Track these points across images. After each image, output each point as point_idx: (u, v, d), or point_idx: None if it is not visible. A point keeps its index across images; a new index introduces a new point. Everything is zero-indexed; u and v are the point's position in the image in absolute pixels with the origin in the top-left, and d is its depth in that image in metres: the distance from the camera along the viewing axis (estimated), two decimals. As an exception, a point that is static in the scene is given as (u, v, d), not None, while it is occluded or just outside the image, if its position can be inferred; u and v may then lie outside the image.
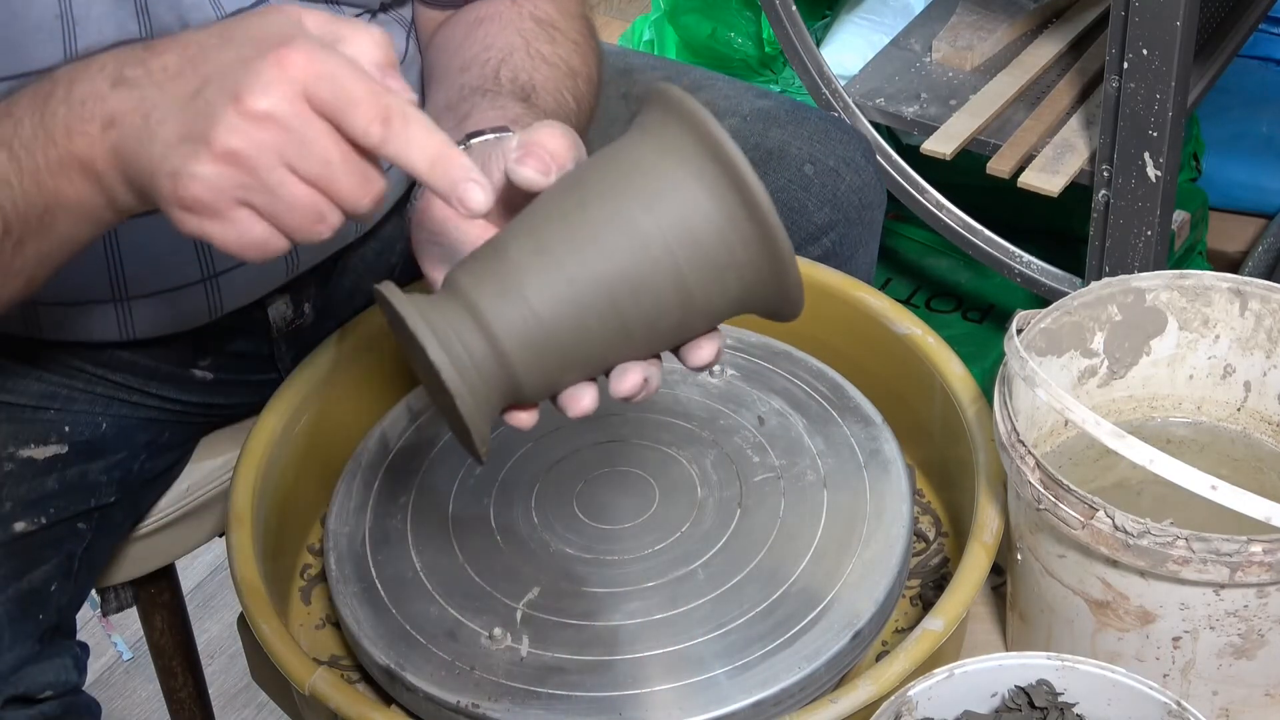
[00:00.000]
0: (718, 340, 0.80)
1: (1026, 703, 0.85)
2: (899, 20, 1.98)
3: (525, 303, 0.75)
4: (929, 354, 1.07)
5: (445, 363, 0.74)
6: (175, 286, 1.05)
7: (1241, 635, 0.87)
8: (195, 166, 0.72)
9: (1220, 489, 0.81)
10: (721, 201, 0.75)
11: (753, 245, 0.75)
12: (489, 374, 0.76)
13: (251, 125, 0.71)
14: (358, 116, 0.72)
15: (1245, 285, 0.98)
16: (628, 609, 0.95)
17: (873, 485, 1.01)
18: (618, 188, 0.76)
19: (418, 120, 0.73)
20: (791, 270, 0.76)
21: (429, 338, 0.74)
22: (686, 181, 0.75)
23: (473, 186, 0.73)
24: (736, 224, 0.75)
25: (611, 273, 0.75)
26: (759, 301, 0.78)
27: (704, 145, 0.75)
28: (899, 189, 1.81)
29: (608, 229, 0.75)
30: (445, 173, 0.73)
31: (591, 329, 0.76)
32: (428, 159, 0.73)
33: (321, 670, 0.90)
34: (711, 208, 0.75)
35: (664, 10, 2.26)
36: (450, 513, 1.02)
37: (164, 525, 1.18)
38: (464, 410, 0.75)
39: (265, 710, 1.89)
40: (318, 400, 1.09)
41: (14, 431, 1.07)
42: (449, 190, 0.73)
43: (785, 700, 0.90)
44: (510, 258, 0.76)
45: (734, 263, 0.76)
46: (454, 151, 0.73)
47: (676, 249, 0.75)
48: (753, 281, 0.77)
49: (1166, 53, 1.45)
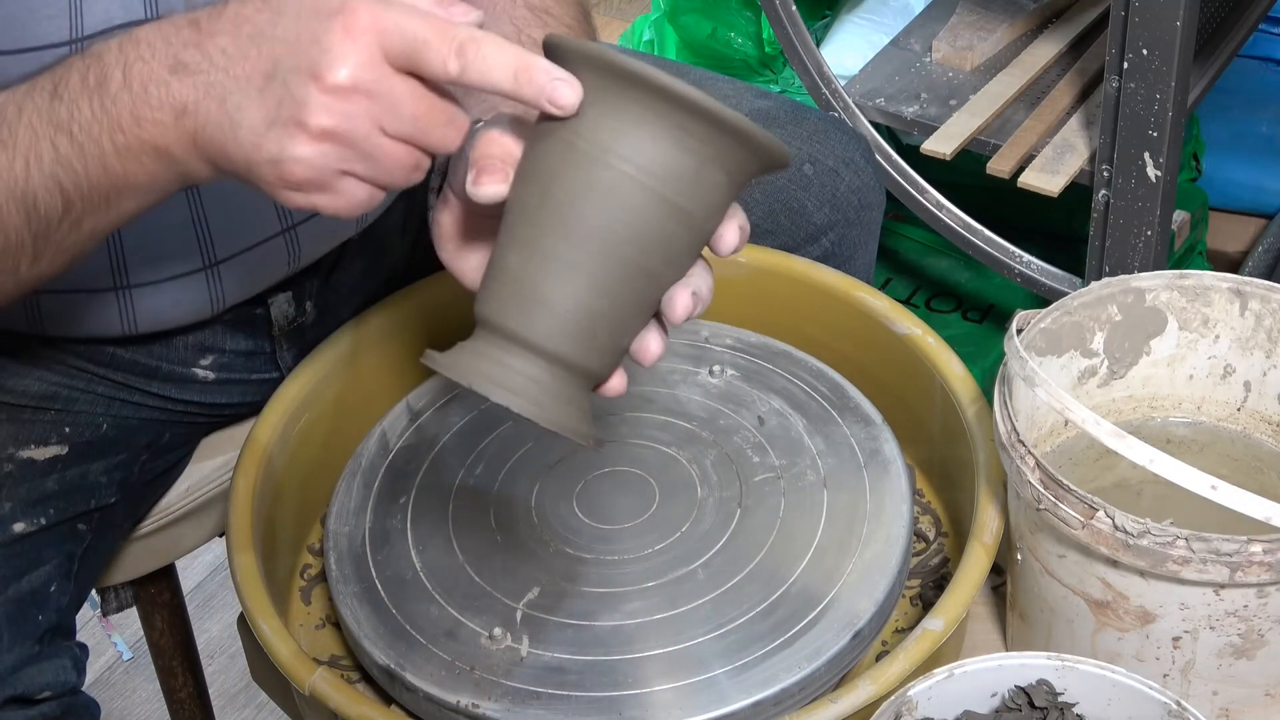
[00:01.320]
0: (736, 219, 0.81)
1: (1026, 703, 0.85)
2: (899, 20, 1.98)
3: (548, 305, 0.77)
4: (929, 354, 1.07)
5: (513, 400, 0.77)
6: (176, 275, 1.05)
7: (1241, 635, 0.87)
8: (295, 150, 0.74)
9: (1220, 489, 0.81)
10: (663, 117, 0.75)
11: (712, 136, 0.75)
12: (555, 386, 0.78)
13: (339, 101, 0.73)
14: (433, 57, 0.74)
15: (1245, 285, 0.98)
16: (628, 609, 0.95)
17: (873, 485, 1.01)
18: (566, 158, 0.76)
19: (489, 41, 0.74)
20: (754, 133, 0.76)
21: (488, 386, 0.77)
22: (622, 120, 0.75)
23: (560, 85, 0.75)
24: (687, 128, 0.75)
25: (607, 238, 0.76)
26: (749, 173, 0.79)
27: (615, 77, 0.75)
28: (899, 189, 1.81)
29: (579, 203, 0.76)
30: (530, 80, 0.74)
31: (619, 292, 0.77)
32: (510, 73, 0.74)
33: (321, 670, 0.90)
34: (657, 127, 0.75)
35: (664, 10, 2.26)
36: (450, 513, 1.02)
37: (164, 525, 1.18)
38: (548, 425, 0.78)
39: (265, 710, 1.89)
40: (318, 400, 1.09)
41: (14, 432, 1.07)
42: (538, 96, 0.75)
43: (785, 700, 0.90)
44: (514, 272, 0.77)
45: (707, 159, 0.76)
46: (532, 59, 0.75)
47: (651, 183, 0.76)
48: (731, 164, 0.77)
49: (1166, 53, 1.45)
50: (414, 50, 0.74)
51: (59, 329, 1.07)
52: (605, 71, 0.75)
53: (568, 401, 0.78)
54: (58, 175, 0.80)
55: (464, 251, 0.88)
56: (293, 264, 1.10)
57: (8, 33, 0.90)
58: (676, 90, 0.74)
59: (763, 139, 0.76)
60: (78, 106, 0.79)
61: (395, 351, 1.14)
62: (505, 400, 0.77)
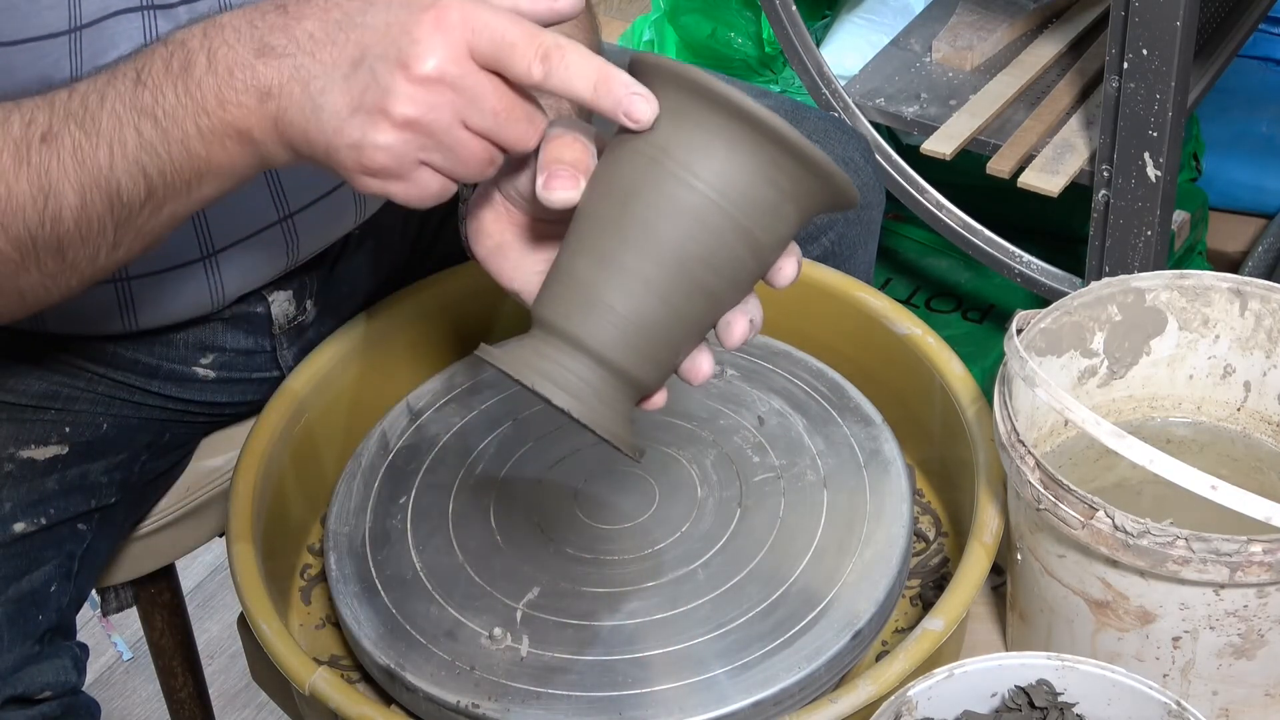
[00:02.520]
0: (795, 254, 0.83)
1: (1026, 703, 0.85)
2: (899, 20, 1.98)
3: (613, 314, 0.77)
4: (929, 354, 1.07)
5: (571, 403, 0.78)
6: (174, 265, 1.05)
7: (1241, 635, 0.87)
8: (377, 136, 0.76)
9: (1220, 489, 0.81)
10: (754, 148, 0.76)
11: (796, 173, 0.77)
12: (609, 392, 0.79)
13: (424, 91, 0.75)
14: (518, 60, 0.75)
15: (1245, 285, 0.98)
16: (628, 609, 0.95)
17: (873, 485, 1.01)
18: (649, 174, 0.77)
19: (573, 49, 0.75)
20: (837, 176, 0.77)
21: (545, 385, 0.78)
22: (712, 146, 0.76)
23: (637, 100, 0.76)
24: (779, 164, 0.76)
25: (681, 256, 0.77)
26: (817, 210, 0.80)
27: (712, 103, 0.76)
28: (899, 189, 1.81)
29: (658, 219, 0.77)
30: (609, 92, 0.76)
31: (683, 310, 0.78)
32: (590, 84, 0.76)
33: (321, 670, 0.90)
34: (746, 158, 0.76)
35: (664, 10, 2.26)
36: (450, 513, 1.02)
37: (164, 525, 1.18)
38: (603, 433, 0.78)
39: (265, 710, 1.89)
40: (318, 400, 1.09)
41: (14, 432, 1.07)
42: (615, 109, 0.76)
43: (785, 700, 0.90)
44: (582, 278, 0.78)
45: (789, 195, 0.77)
46: (613, 71, 0.76)
47: (732, 210, 0.77)
48: (807, 201, 0.79)
49: (1166, 53, 1.45)
50: (501, 50, 0.75)
51: (60, 326, 1.07)
52: (701, 95, 0.76)
53: (615, 410, 0.79)
54: (141, 161, 0.81)
55: (505, 251, 0.88)
56: (292, 256, 1.10)
57: (7, 23, 0.90)
58: (776, 127, 0.75)
59: (843, 183, 0.78)
60: (162, 92, 0.80)
61: (395, 351, 1.14)
62: (564, 403, 0.78)
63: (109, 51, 0.92)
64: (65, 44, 0.91)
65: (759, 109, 0.75)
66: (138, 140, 0.80)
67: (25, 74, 0.90)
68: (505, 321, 1.17)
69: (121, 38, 0.93)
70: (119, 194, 0.82)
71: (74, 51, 0.91)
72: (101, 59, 0.92)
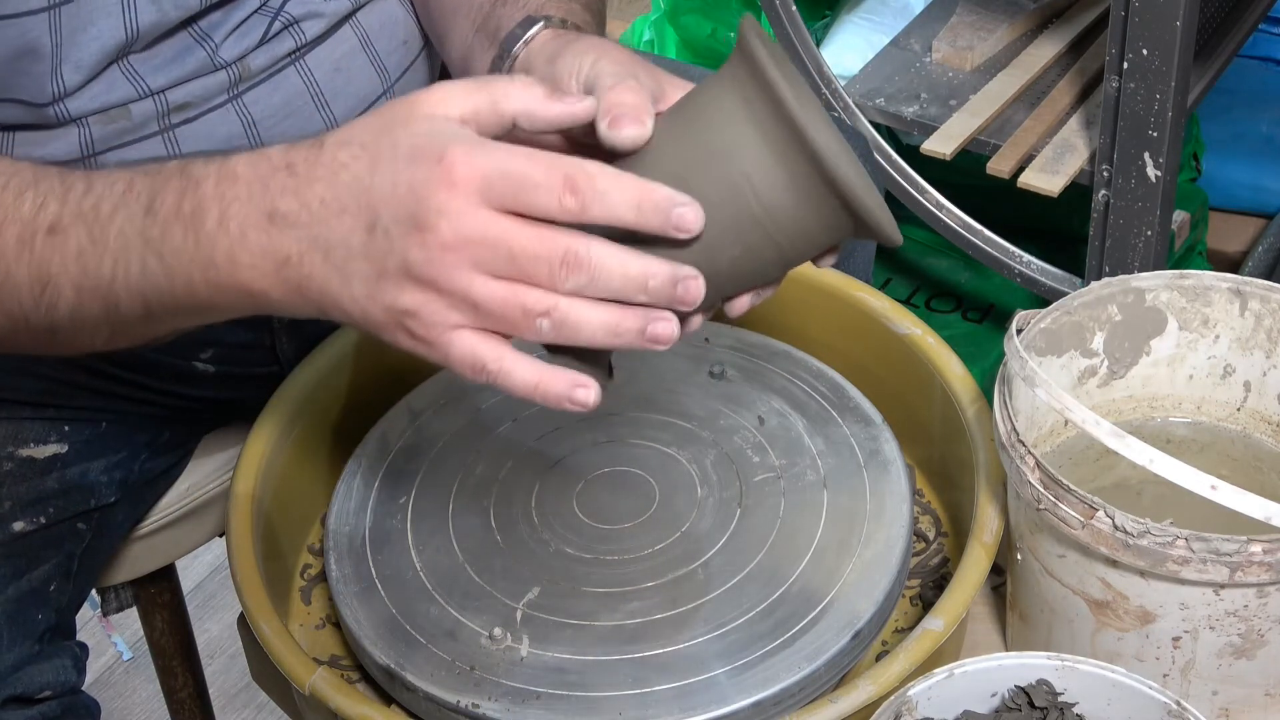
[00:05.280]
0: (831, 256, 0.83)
1: (1026, 703, 0.85)
2: (899, 20, 1.98)
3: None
4: (929, 354, 1.07)
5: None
6: None
7: (1241, 635, 0.87)
8: (404, 300, 0.73)
9: (1220, 489, 0.81)
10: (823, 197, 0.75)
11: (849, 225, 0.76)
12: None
13: (446, 254, 0.71)
14: (543, 199, 0.71)
15: (1245, 285, 0.98)
16: (628, 609, 0.95)
17: (873, 485, 1.01)
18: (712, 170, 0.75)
19: (599, 171, 0.72)
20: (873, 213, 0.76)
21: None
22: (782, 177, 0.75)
23: (685, 213, 0.73)
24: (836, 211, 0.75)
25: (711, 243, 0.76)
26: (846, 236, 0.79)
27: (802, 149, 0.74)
28: (899, 189, 1.81)
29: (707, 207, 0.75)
30: (655, 210, 0.72)
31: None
32: (633, 207, 0.72)
33: (321, 670, 0.90)
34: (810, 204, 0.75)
35: (664, 10, 2.26)
36: (450, 513, 1.02)
37: (164, 525, 1.18)
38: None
39: (265, 710, 1.89)
40: (318, 400, 1.09)
41: (14, 431, 1.07)
42: (664, 227, 0.73)
43: (785, 700, 0.90)
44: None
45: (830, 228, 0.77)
46: (648, 186, 0.72)
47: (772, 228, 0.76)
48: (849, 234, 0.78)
49: (1166, 53, 1.45)
50: (522, 193, 0.71)
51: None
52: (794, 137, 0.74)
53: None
54: (144, 289, 0.80)
55: None
56: None
57: None
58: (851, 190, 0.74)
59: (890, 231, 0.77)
60: (170, 230, 0.77)
61: (395, 351, 1.14)
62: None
63: (86, 27, 0.92)
64: (45, 20, 0.91)
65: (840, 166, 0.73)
66: (141, 269, 0.79)
67: (5, 48, 0.91)
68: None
69: (100, 14, 0.93)
70: (117, 307, 0.81)
71: (54, 28, 0.91)
72: (80, 35, 0.92)
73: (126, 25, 0.94)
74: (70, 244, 0.80)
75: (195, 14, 0.99)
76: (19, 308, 0.82)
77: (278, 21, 1.05)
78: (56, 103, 0.96)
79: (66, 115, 0.97)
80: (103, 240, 0.79)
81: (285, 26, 1.05)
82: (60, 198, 0.80)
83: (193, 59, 1.01)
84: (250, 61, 1.04)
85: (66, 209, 0.80)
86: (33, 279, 0.81)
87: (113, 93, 0.98)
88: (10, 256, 0.81)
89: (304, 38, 1.06)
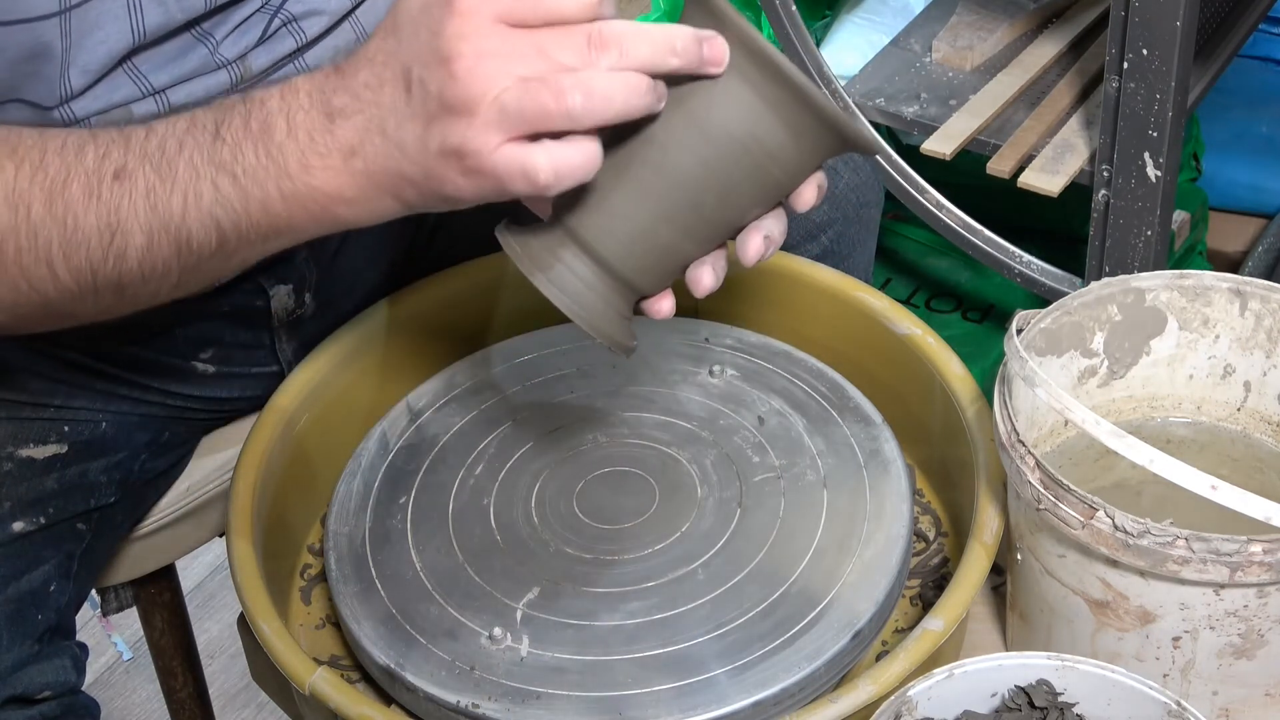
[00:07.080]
0: (817, 181, 0.83)
1: (1026, 703, 0.85)
2: (899, 20, 1.97)
3: (614, 216, 0.80)
4: (929, 354, 1.07)
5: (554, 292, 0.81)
6: None
7: (1241, 635, 0.87)
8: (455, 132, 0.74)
9: (1220, 489, 0.81)
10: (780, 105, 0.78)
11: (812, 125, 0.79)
12: (601, 288, 0.81)
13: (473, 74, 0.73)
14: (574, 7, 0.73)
15: (1245, 285, 0.98)
16: (628, 609, 0.95)
17: (873, 485, 1.01)
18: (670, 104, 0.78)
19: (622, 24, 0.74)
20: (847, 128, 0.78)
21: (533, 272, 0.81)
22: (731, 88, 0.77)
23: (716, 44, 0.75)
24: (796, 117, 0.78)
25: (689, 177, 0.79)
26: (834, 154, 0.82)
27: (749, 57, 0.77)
28: (899, 189, 1.81)
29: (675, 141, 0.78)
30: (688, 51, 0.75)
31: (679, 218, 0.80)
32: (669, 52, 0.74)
33: (321, 670, 0.90)
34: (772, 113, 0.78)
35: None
36: (450, 513, 1.02)
37: (164, 525, 1.18)
38: (585, 325, 0.81)
39: (265, 710, 1.89)
40: (318, 400, 1.09)
41: (13, 431, 1.07)
42: (700, 65, 0.75)
43: (785, 700, 0.90)
44: (598, 181, 0.79)
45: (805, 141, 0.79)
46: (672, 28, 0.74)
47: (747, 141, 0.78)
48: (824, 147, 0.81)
49: (1166, 53, 1.45)
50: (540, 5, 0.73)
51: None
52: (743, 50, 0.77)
53: (607, 305, 0.82)
54: (216, 214, 0.81)
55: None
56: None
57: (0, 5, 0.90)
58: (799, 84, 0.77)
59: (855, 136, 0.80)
60: (242, 150, 0.80)
61: (395, 351, 1.15)
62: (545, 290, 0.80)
63: (94, 31, 0.93)
64: (56, 24, 0.91)
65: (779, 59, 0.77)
66: (214, 194, 0.81)
67: (17, 52, 0.91)
68: (505, 321, 1.17)
69: (107, 17, 0.93)
70: (189, 242, 0.82)
71: (64, 33, 0.92)
72: (88, 38, 0.93)
73: (134, 28, 0.95)
74: (139, 184, 0.81)
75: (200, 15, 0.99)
76: (87, 262, 0.83)
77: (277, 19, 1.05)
78: (62, 105, 0.96)
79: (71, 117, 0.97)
80: (170, 175, 0.81)
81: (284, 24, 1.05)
82: (123, 144, 0.82)
83: (193, 57, 1.01)
84: (251, 61, 1.04)
85: (131, 153, 0.82)
86: (101, 227, 0.82)
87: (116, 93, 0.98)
88: (78, 207, 0.82)
89: (304, 36, 1.06)
